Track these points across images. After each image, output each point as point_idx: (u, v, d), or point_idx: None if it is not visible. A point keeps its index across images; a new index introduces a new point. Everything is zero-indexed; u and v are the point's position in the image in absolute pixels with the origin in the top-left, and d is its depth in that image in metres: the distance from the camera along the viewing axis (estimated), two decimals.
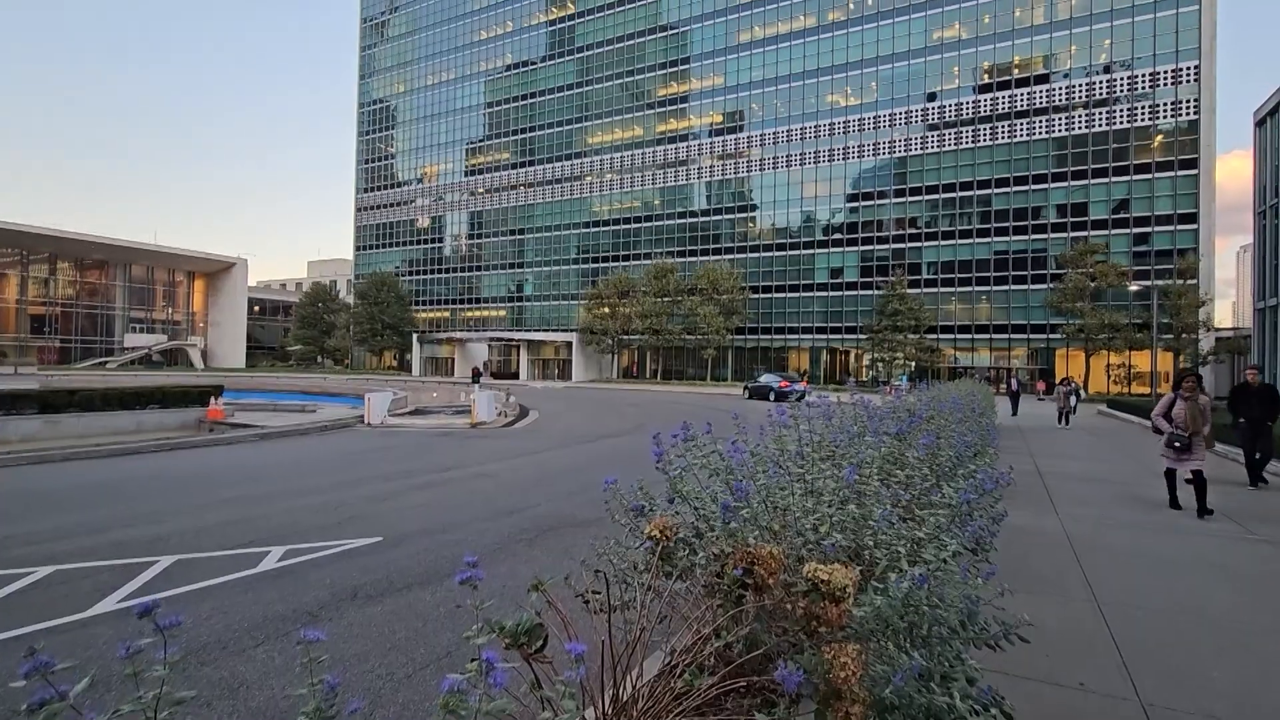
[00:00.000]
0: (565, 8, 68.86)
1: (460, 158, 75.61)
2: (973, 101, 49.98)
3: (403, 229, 79.52)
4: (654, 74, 63.57)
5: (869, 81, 53.64)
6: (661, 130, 63.19)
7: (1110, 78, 46.04)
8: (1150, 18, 44.91)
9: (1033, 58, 48.44)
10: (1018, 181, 48.56)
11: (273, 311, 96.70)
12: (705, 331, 53.35)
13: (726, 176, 59.89)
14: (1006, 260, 48.92)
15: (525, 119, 70.95)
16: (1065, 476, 11.71)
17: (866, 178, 54.04)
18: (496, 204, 72.51)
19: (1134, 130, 45.34)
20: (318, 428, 19.93)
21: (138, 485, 10.97)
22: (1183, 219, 44.19)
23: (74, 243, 68.74)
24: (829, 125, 55.08)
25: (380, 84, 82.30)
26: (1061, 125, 47.36)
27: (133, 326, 76.85)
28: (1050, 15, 47.76)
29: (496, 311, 72.70)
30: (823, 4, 55.36)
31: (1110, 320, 42.05)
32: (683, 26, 62.11)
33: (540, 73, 70.24)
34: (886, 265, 52.35)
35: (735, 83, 59.44)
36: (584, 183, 67.10)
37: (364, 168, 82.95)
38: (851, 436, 3.51)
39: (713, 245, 59.98)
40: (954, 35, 50.74)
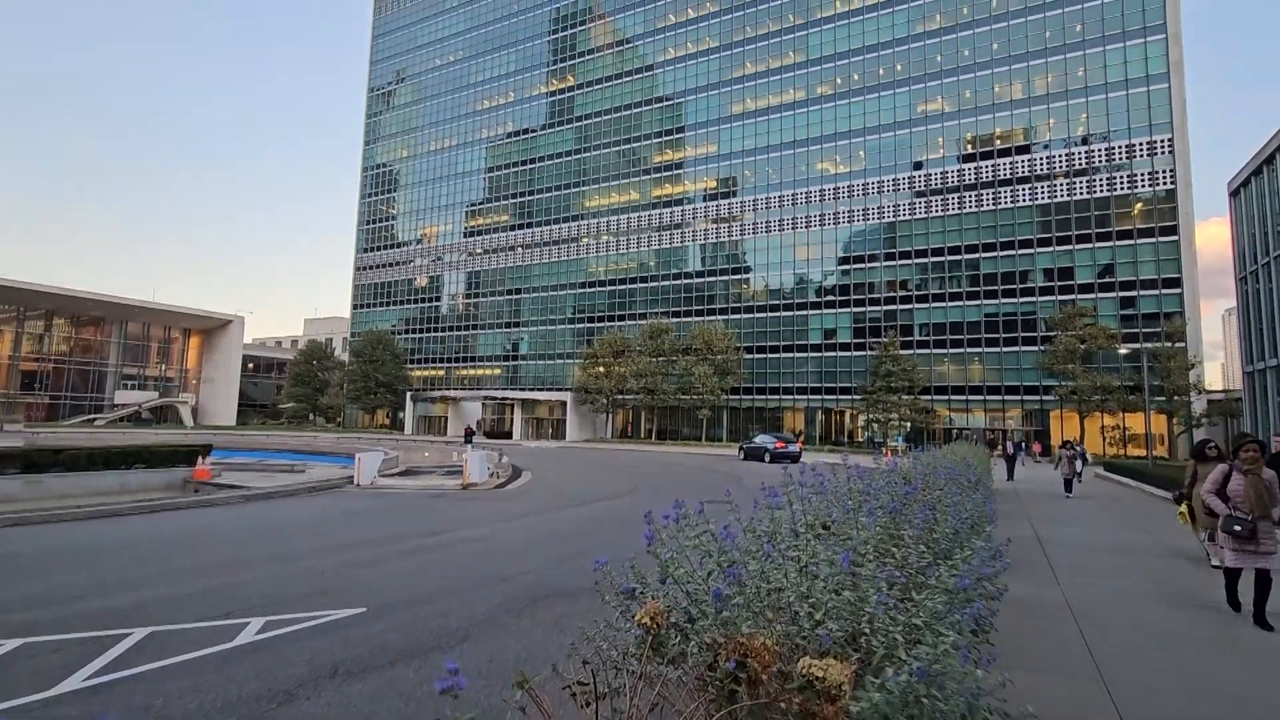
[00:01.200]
0: (565, 80, 71.78)
1: (460, 219, 77.21)
2: (957, 170, 51.69)
3: (400, 288, 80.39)
4: (650, 142, 65.77)
5: (857, 150, 55.57)
6: (657, 195, 64.91)
7: (1088, 149, 47.84)
8: (1123, 94, 47.04)
9: (1013, 130, 50.43)
10: (1004, 246, 49.74)
11: (267, 369, 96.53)
12: (700, 391, 53.38)
13: (720, 240, 61.19)
14: (997, 322, 49.59)
15: (524, 183, 72.87)
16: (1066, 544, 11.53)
17: (857, 241, 55.29)
18: (494, 264, 73.63)
19: (1114, 199, 46.82)
20: (305, 489, 19.59)
21: (117, 550, 10.66)
22: (1167, 283, 45.12)
23: (72, 299, 69.10)
24: (819, 191, 56.71)
25: (384, 149, 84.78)
26: (1044, 193, 48.88)
27: (124, 383, 76.44)
28: (1028, 91, 49.98)
29: (491, 370, 72.77)
30: (811, 79, 57.88)
31: (1102, 382, 42.37)
32: (677, 98, 64.67)
33: (540, 140, 72.60)
34: (879, 327, 52.96)
35: (728, 151, 61.47)
36: (581, 244, 68.40)
37: (365, 228, 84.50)
38: (847, 511, 3.46)
39: (707, 306, 60.72)
40: (937, 108, 52.92)
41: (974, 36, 51.90)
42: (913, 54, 53.96)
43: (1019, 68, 50.34)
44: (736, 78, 61.54)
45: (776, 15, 59.95)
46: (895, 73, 54.53)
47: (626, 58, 68.35)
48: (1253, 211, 31.90)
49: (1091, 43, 48.10)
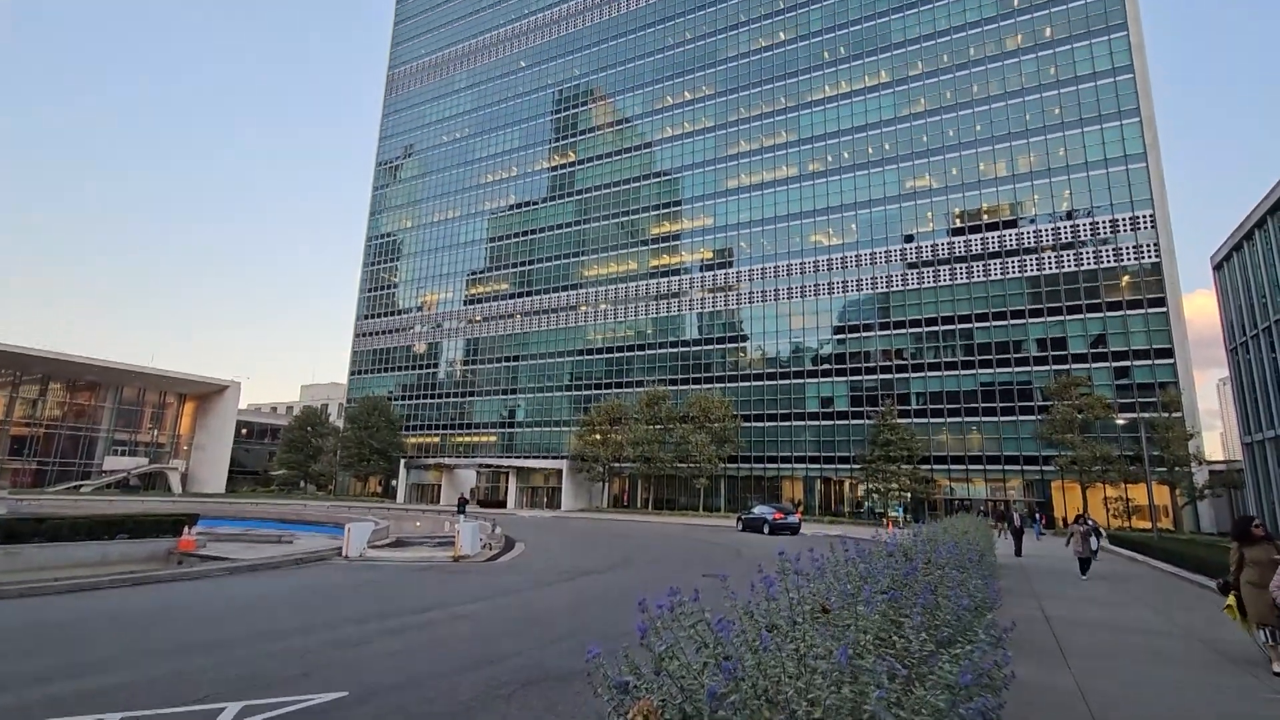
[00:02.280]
0: (567, 156, 74.48)
1: (460, 288, 78.40)
2: (947, 243, 53.03)
3: (399, 354, 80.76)
4: (648, 214, 67.65)
5: (849, 223, 57.15)
6: (654, 265, 66.23)
7: (1073, 224, 49.27)
8: (1103, 173, 48.84)
9: (999, 205, 52.06)
10: (996, 317, 50.46)
11: (260, 435, 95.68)
12: (697, 460, 52.86)
13: (717, 309, 62.04)
14: (993, 392, 49.72)
15: (525, 253, 74.42)
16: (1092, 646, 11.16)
17: (852, 311, 56.09)
18: (492, 331, 74.27)
19: (1101, 271, 47.86)
20: (291, 561, 19.06)
21: (91, 627, 10.26)
22: (1159, 354, 45.56)
23: (68, 364, 69.14)
24: (814, 262, 57.93)
25: (389, 220, 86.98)
26: (1032, 265, 50.00)
27: (115, 449, 75.54)
28: (1012, 169, 51.90)
29: (487, 437, 72.22)
30: (803, 156, 60.15)
31: (1102, 452, 42.13)
32: (675, 173, 66.96)
33: (541, 211, 74.64)
34: (876, 395, 53.03)
35: (724, 223, 63.15)
36: (579, 312, 69.24)
37: (366, 296, 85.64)
38: (846, 596, 3.37)
39: (704, 374, 60.93)
40: (925, 185, 54.78)
41: (957, 119, 54.29)
42: (899, 134, 56.30)
43: (1002, 147, 52.45)
44: (731, 154, 63.93)
45: (769, 98, 62.86)
46: (884, 151, 56.74)
47: (626, 135, 71.17)
48: (1237, 284, 32.54)
49: (1070, 125, 50.31)
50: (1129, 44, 49.09)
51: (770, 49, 63.74)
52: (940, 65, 55.54)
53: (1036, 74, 51.94)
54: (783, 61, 62.80)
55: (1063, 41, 51.35)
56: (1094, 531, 18.92)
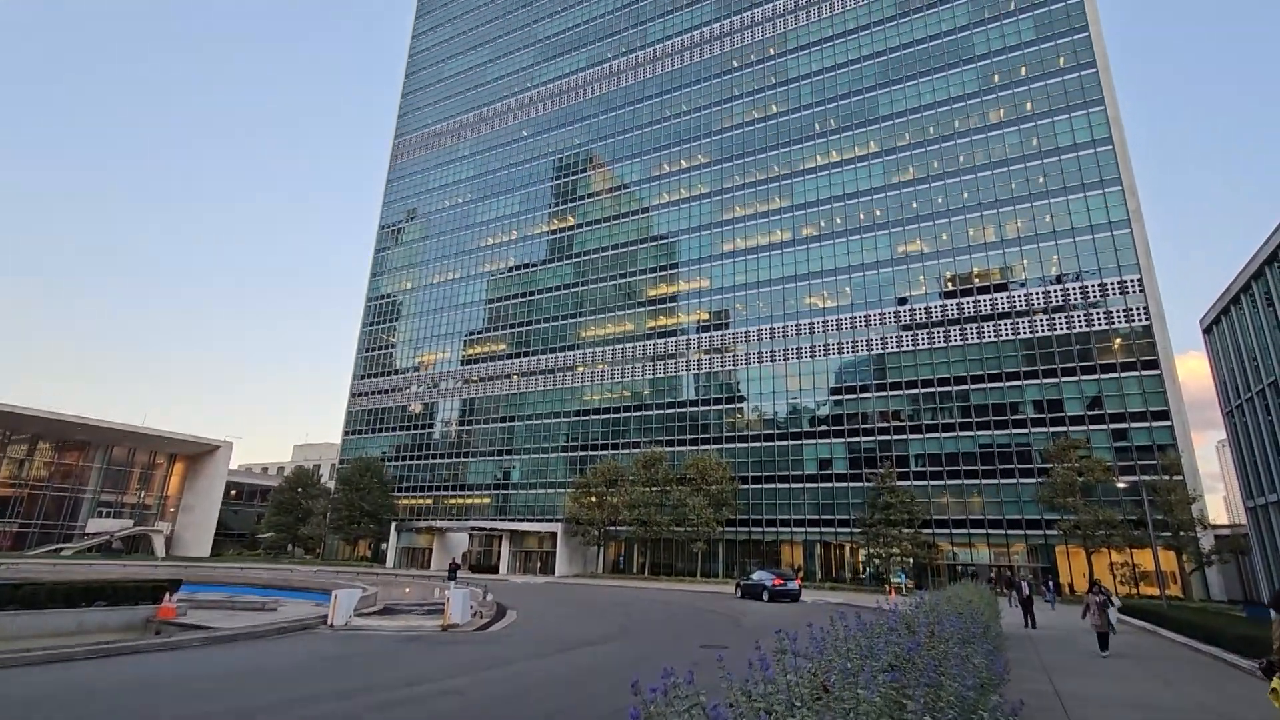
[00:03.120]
0: (566, 220, 76.24)
1: (458, 348, 78.76)
2: (940, 305, 53.74)
3: (394, 415, 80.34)
4: (645, 277, 68.72)
5: (843, 286, 58.03)
6: (651, 326, 66.82)
7: (1063, 288, 50.09)
8: (1089, 238, 50.03)
9: (990, 269, 53.05)
10: (992, 378, 50.64)
11: (249, 496, 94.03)
12: (695, 523, 51.88)
13: (714, 370, 62.23)
14: (992, 454, 49.37)
15: (523, 314, 75.15)
16: None
17: (848, 372, 56.28)
18: (489, 392, 74.17)
19: (1094, 334, 48.36)
20: (274, 630, 18.38)
21: (57, 703, 9.78)
22: (1155, 416, 45.53)
23: (59, 424, 68.50)
24: (809, 324, 58.51)
25: (389, 281, 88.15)
26: (1025, 328, 50.53)
27: (100, 510, 74.00)
28: (1000, 235, 53.16)
29: (480, 499, 71.06)
30: (796, 221, 61.63)
31: (1105, 516, 41.51)
32: (672, 237, 68.41)
33: (540, 273, 75.79)
34: (874, 457, 52.60)
35: (720, 285, 64.09)
36: (576, 373, 69.37)
37: (364, 356, 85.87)
38: (846, 674, 3.24)
39: (701, 435, 60.56)
40: (917, 249, 55.96)
41: (945, 186, 55.96)
42: (890, 200, 57.91)
43: (990, 213, 53.88)
44: (727, 219, 65.49)
45: (763, 167, 64.92)
46: (875, 217, 58.22)
47: (624, 201, 73.08)
48: (1227, 347, 32.86)
49: (1055, 193, 51.85)
50: (1106, 118, 51.15)
51: (763, 120, 66.26)
52: (927, 136, 57.66)
53: (1020, 145, 53.89)
54: (775, 132, 65.17)
55: (1043, 115, 53.50)
56: (1109, 601, 17.51)
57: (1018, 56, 55.62)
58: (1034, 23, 55.63)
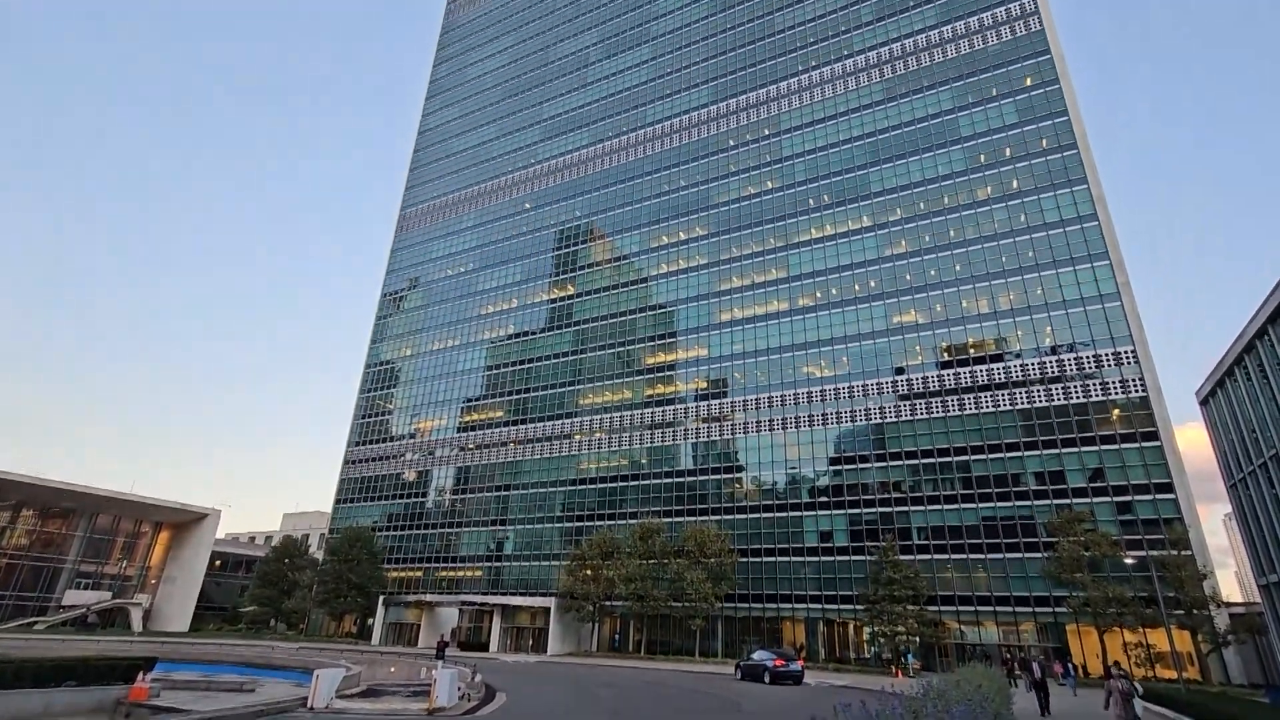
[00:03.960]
0: (566, 289, 77.43)
1: (455, 415, 78.40)
2: (937, 375, 53.92)
3: (387, 483, 79.11)
4: (643, 345, 69.22)
5: (840, 356, 58.38)
6: (649, 394, 66.77)
7: (1058, 358, 50.43)
8: (1081, 310, 50.75)
9: (985, 340, 53.53)
10: (992, 449, 50.24)
11: (234, 566, 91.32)
12: (693, 598, 50.21)
13: (712, 438, 61.78)
14: (995, 526, 48.41)
15: (521, 381, 75.22)
16: None
17: (847, 442, 55.86)
18: (485, 459, 73.33)
19: (1091, 405, 48.32)
20: (251, 713, 17.44)
21: None
22: (1159, 488, 44.92)
23: (45, 490, 67.20)
24: (807, 393, 58.53)
25: (389, 348, 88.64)
26: (1023, 398, 50.55)
27: (78, 582, 71.63)
28: (994, 306, 53.94)
29: (472, 572, 69.04)
30: (793, 292, 62.62)
31: (1115, 593, 40.29)
32: (670, 306, 69.33)
33: (539, 341, 76.34)
34: (876, 529, 51.54)
35: (718, 354, 64.46)
36: (573, 441, 68.80)
37: (360, 422, 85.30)
38: None
39: (699, 505, 59.51)
40: (912, 319, 56.64)
41: (937, 259, 57.21)
42: (884, 272, 59.04)
43: (982, 286, 54.84)
44: (724, 290, 66.56)
45: (759, 239, 66.54)
46: (870, 288, 59.22)
47: (623, 271, 74.45)
48: (1225, 419, 32.81)
49: (1045, 266, 52.96)
50: (1090, 196, 52.88)
51: (759, 195, 68.39)
52: (918, 211, 59.39)
53: (1008, 220, 55.45)
54: (771, 206, 67.15)
55: (1029, 193, 55.31)
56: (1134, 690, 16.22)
57: (1001, 138, 57.99)
58: (1015, 107, 58.30)
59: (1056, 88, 57.08)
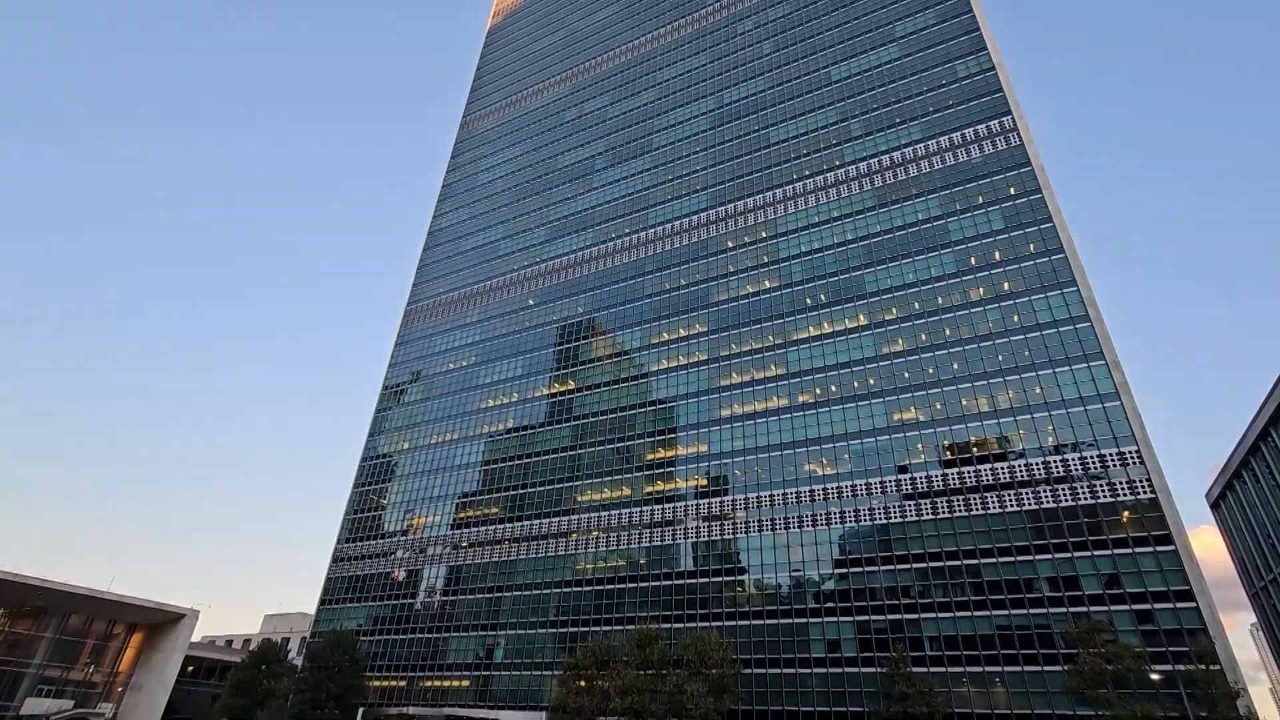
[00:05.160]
0: (566, 384, 77.77)
1: (449, 511, 76.61)
2: (941, 475, 53.07)
3: (375, 582, 76.12)
4: (643, 440, 68.66)
5: (842, 454, 57.73)
6: (649, 491, 65.50)
7: (1062, 458, 49.80)
8: (1081, 410, 50.65)
9: (987, 439, 53.08)
10: (1002, 552, 48.64)
11: (208, 673, 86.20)
12: (693, 714, 46.91)
13: (713, 538, 60.02)
14: (1010, 636, 46.03)
15: (519, 477, 74.02)
16: None
17: (852, 543, 54.19)
18: (478, 558, 70.93)
19: (1100, 506, 47.21)
20: None
21: None
22: (1179, 596, 43.08)
23: (18, 587, 64.40)
24: (809, 491, 57.42)
25: (386, 441, 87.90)
26: (1029, 499, 49.49)
27: (40, 689, 67.28)
28: (994, 405, 53.90)
29: (459, 681, 65.03)
30: (793, 389, 62.84)
31: (1145, 711, 37.71)
32: (670, 402, 69.35)
33: (538, 436, 75.79)
34: (886, 638, 49.00)
35: (719, 450, 63.79)
36: (570, 539, 66.81)
37: (351, 518, 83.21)
38: None
39: (700, 610, 56.92)
40: (912, 417, 56.46)
41: (935, 358, 57.79)
42: (882, 370, 59.46)
43: (981, 384, 55.06)
44: (724, 385, 66.82)
45: (758, 336, 67.56)
46: (869, 385, 59.45)
47: (624, 366, 75.09)
48: (1239, 523, 31.98)
49: (1041, 366, 53.39)
50: (1081, 298, 54.13)
51: (758, 294, 70.09)
52: (913, 311, 60.63)
53: (1002, 320, 56.48)
54: (769, 305, 68.66)
55: (1021, 294, 56.67)
56: None
57: (990, 242, 60.14)
58: (1001, 214, 60.85)
59: (1039, 196, 59.82)
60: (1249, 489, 29.98)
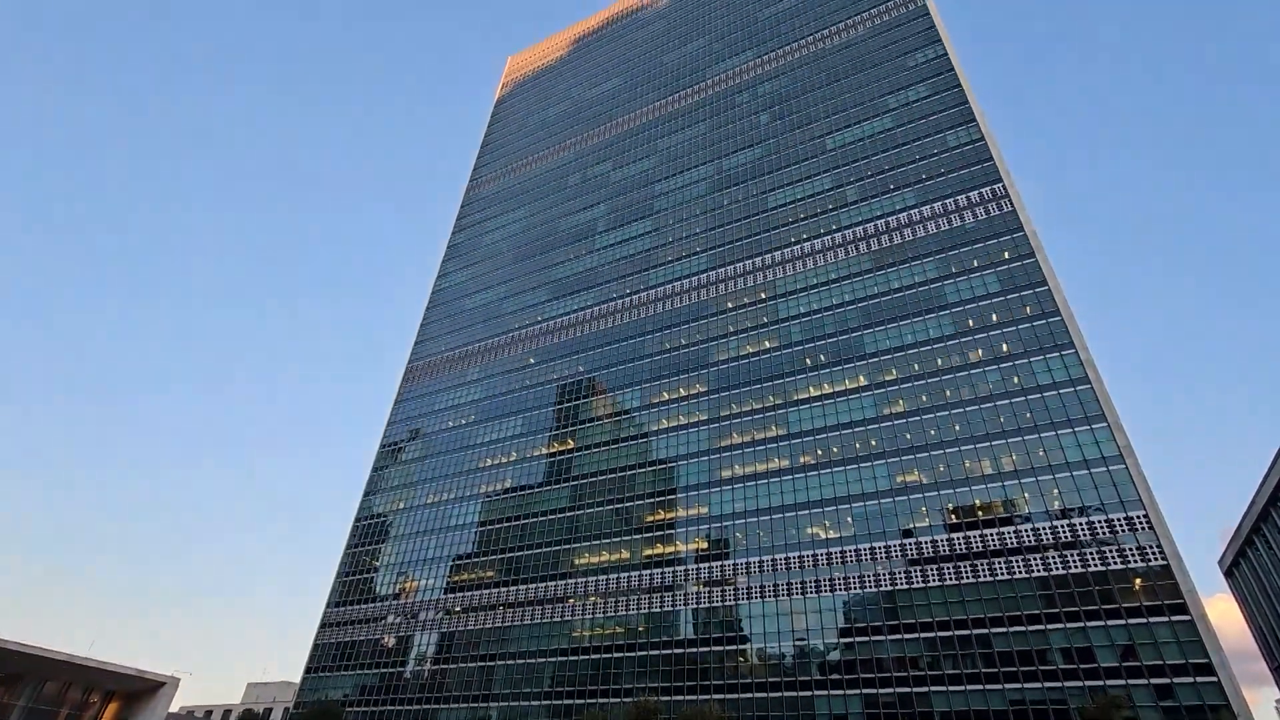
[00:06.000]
0: (566, 444, 77.16)
1: (443, 574, 74.72)
2: (947, 539, 51.96)
3: (364, 649, 73.48)
4: (642, 501, 67.58)
5: (845, 517, 56.70)
6: (648, 554, 64.04)
7: (1069, 523, 48.85)
8: (1085, 472, 49.99)
9: (992, 502, 52.21)
10: (1012, 621, 47.11)
11: None
12: None
13: (714, 604, 58.29)
14: (1025, 711, 44.02)
15: (515, 539, 72.55)
16: None
17: (857, 610, 52.57)
18: (471, 624, 68.69)
19: (1111, 573, 45.99)
20: None
21: None
22: (1198, 669, 41.45)
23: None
24: (812, 555, 56.12)
25: (381, 501, 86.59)
26: (1038, 565, 48.27)
27: None
28: (997, 467, 53.27)
29: None
30: (794, 450, 62.28)
31: None
32: (670, 462, 68.62)
33: (536, 496, 74.68)
34: (895, 714, 46.88)
35: (719, 513, 62.71)
36: (566, 605, 64.86)
37: (342, 581, 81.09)
38: None
39: (700, 680, 54.69)
40: (916, 480, 55.69)
41: (936, 419, 57.49)
42: (884, 431, 59.07)
43: (983, 446, 54.56)
44: (725, 446, 66.26)
45: (758, 396, 67.46)
46: (871, 447, 58.91)
47: (624, 426, 74.67)
48: (1255, 592, 31.10)
49: (1044, 428, 53.05)
50: (1079, 360, 54.29)
51: (758, 354, 70.40)
52: (913, 372, 60.71)
53: (1001, 382, 56.47)
54: (769, 365, 68.86)
55: (1019, 356, 56.88)
56: None
57: (987, 305, 60.78)
58: (997, 277, 61.74)
59: (1033, 260, 60.83)
60: (1262, 556, 29.30)
